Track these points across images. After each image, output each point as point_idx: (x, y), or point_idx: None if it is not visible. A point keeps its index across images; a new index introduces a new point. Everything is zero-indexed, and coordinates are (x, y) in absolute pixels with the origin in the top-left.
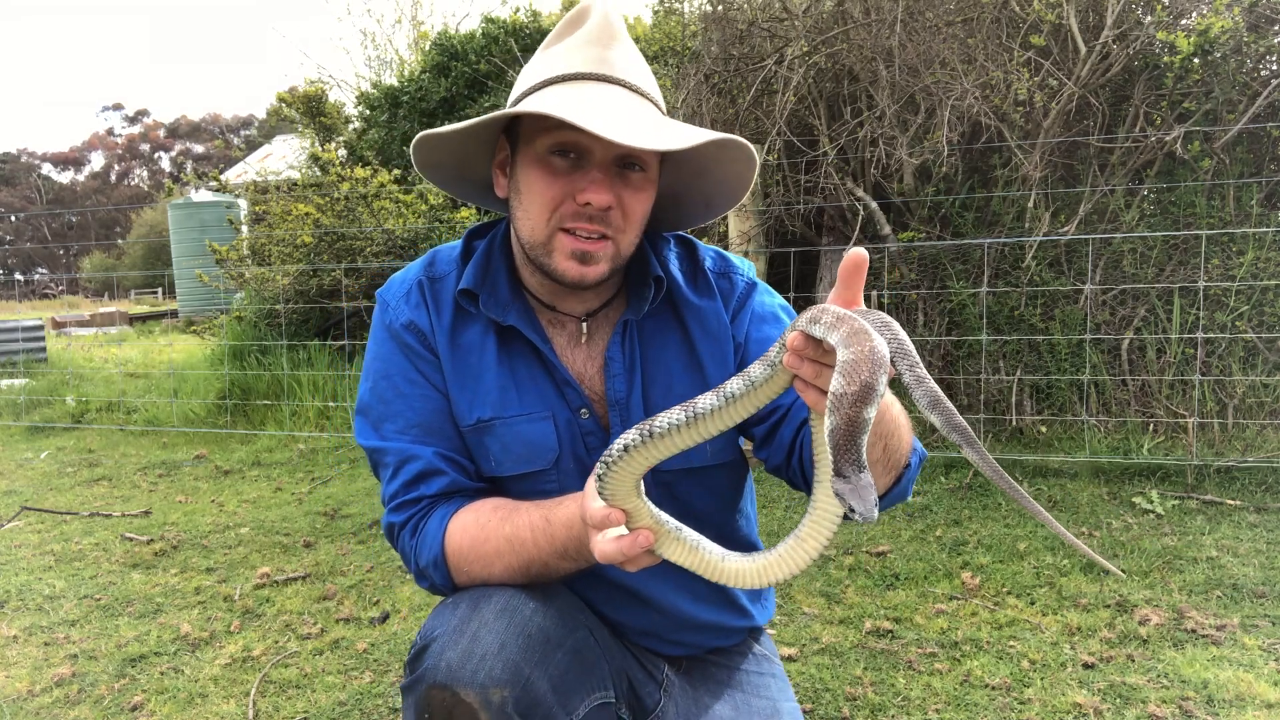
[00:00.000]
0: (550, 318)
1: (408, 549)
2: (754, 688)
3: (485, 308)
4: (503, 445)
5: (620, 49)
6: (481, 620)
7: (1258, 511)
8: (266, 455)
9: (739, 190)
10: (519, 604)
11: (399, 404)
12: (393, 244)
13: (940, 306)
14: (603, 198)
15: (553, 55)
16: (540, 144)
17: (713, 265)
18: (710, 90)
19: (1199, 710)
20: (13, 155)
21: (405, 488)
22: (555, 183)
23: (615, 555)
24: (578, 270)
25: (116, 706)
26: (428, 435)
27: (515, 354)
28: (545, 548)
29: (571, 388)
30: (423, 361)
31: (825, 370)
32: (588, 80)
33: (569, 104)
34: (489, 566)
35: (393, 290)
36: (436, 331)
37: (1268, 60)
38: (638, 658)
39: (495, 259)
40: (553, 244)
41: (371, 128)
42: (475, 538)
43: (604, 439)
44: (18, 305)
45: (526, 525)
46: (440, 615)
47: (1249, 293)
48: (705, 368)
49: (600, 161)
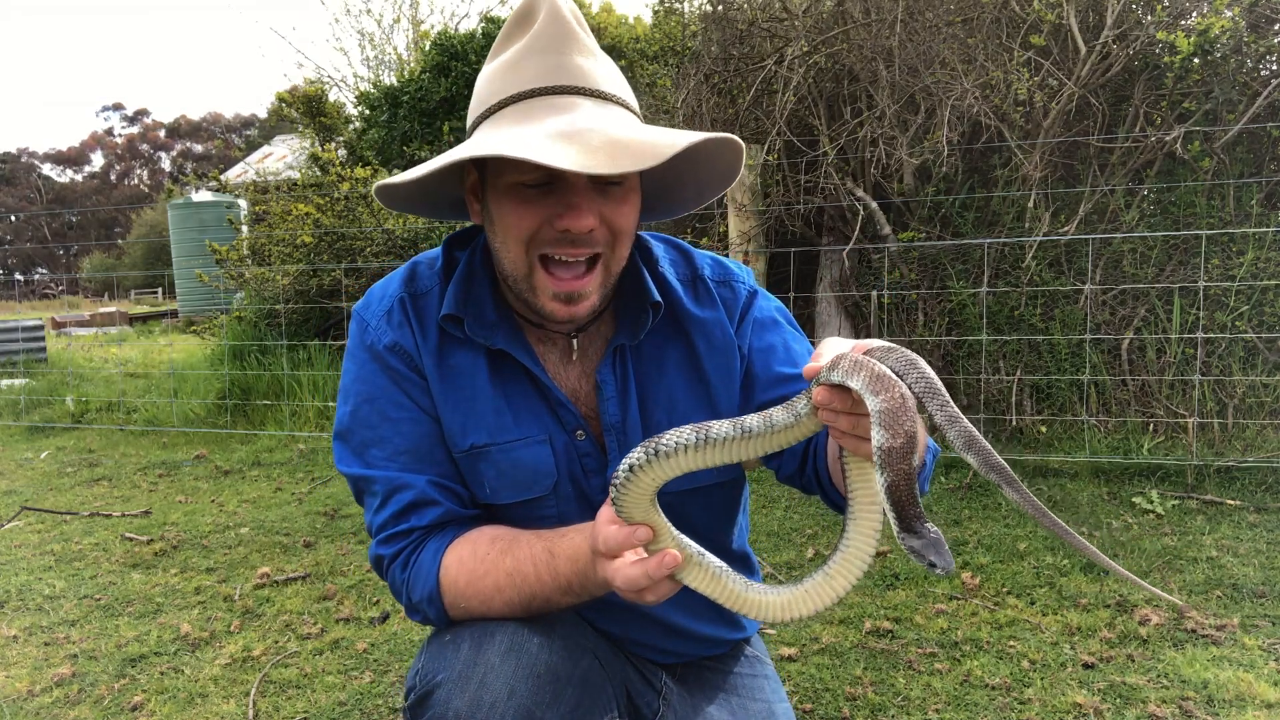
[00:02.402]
0: (539, 334)
1: (398, 583)
2: (749, 691)
3: (471, 332)
4: (498, 472)
5: (576, 50)
6: (488, 664)
7: (1258, 511)
8: (266, 455)
9: (729, 176)
10: (524, 641)
11: (385, 429)
12: (393, 244)
13: (940, 306)
14: (582, 223)
15: (504, 67)
16: (508, 176)
17: (712, 274)
18: (710, 90)
19: (1199, 710)
20: (13, 155)
21: (395, 519)
22: (530, 212)
23: (640, 579)
24: (566, 310)
25: (116, 706)
26: (418, 462)
27: (507, 375)
28: (548, 582)
29: (566, 409)
30: (409, 385)
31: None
32: (546, 95)
33: (531, 138)
34: (488, 602)
35: (372, 309)
36: (423, 353)
37: (1268, 60)
38: (636, 666)
39: (478, 278)
40: (534, 280)
41: (371, 128)
42: (473, 572)
43: (601, 461)
44: (18, 305)
45: (528, 558)
46: (441, 656)
47: (1249, 293)
48: (711, 382)
49: (575, 185)
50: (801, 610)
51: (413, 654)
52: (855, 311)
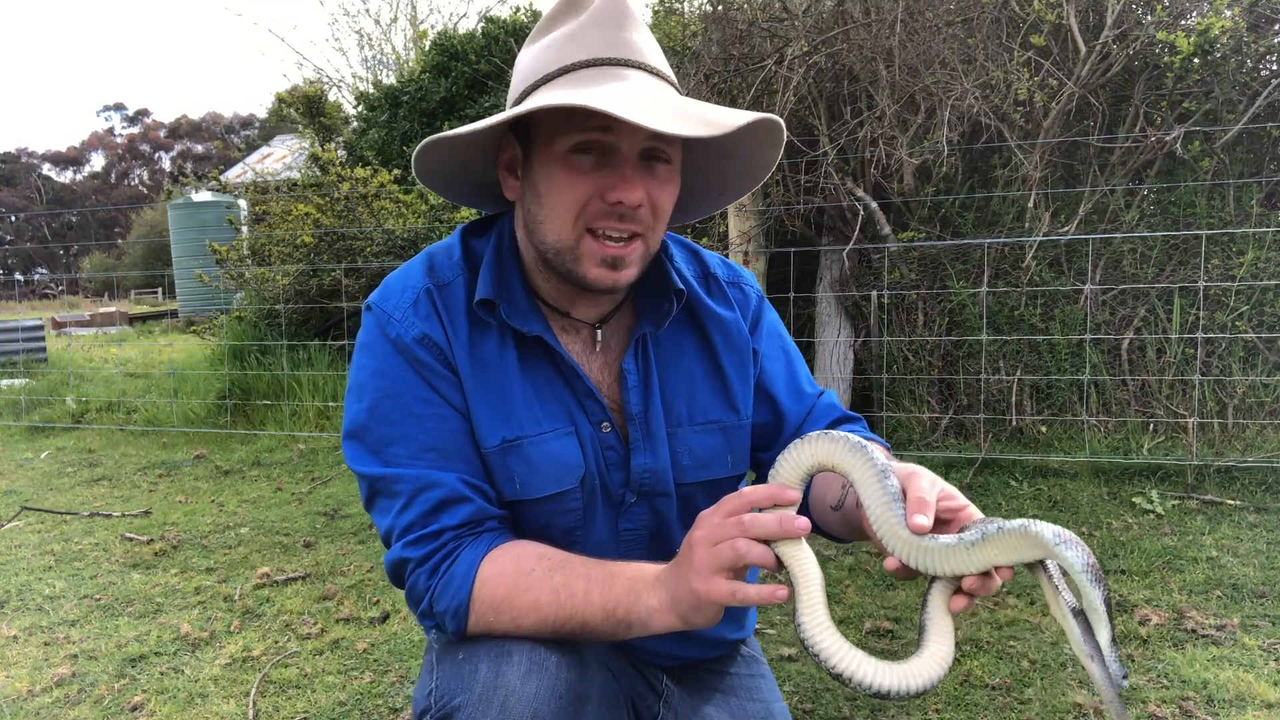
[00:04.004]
0: (563, 324)
1: (421, 589)
2: (747, 691)
3: (507, 316)
4: (529, 466)
5: (637, 30)
6: (509, 686)
7: (1258, 511)
8: (266, 455)
9: (758, 175)
10: (543, 660)
11: (409, 426)
12: (393, 244)
13: (940, 306)
14: (635, 195)
15: (557, 42)
16: (562, 143)
17: (723, 274)
18: (710, 90)
19: (1199, 710)
20: (13, 155)
21: (424, 519)
22: (581, 182)
23: (773, 527)
24: (610, 277)
25: (116, 706)
26: (446, 460)
27: (535, 365)
28: (595, 602)
29: (594, 400)
30: (439, 379)
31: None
32: (607, 66)
33: (598, 94)
34: (519, 619)
35: (393, 300)
36: (454, 345)
37: (1268, 60)
38: (639, 670)
39: (507, 263)
40: (580, 249)
41: (371, 128)
42: (514, 587)
43: (623, 454)
44: (18, 305)
45: (582, 576)
46: (458, 676)
47: (1249, 293)
48: (729, 378)
49: (628, 158)
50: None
51: (413, 654)
52: (855, 311)
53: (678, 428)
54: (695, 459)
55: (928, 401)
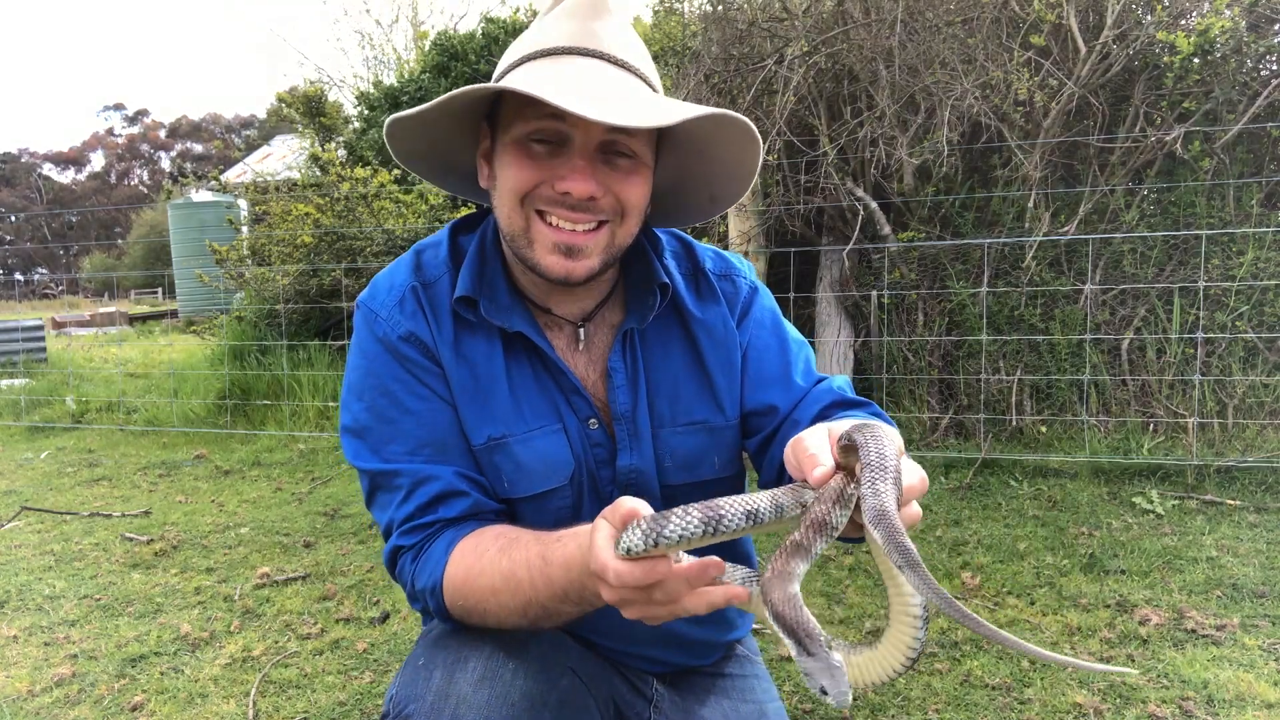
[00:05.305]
0: (546, 320)
1: (407, 573)
2: (740, 692)
3: (487, 314)
4: (516, 464)
5: (608, 21)
6: (459, 695)
7: (1258, 511)
8: (266, 455)
9: (744, 176)
10: (498, 667)
11: (406, 422)
12: (393, 244)
13: (940, 306)
14: (583, 187)
15: (530, 32)
16: (517, 129)
17: (714, 266)
18: (710, 90)
19: (1199, 710)
20: (13, 155)
21: (421, 510)
22: (528, 168)
23: (662, 614)
24: (562, 265)
25: (116, 706)
26: (442, 454)
27: (521, 362)
28: (542, 589)
29: (580, 396)
30: (427, 374)
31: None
32: (568, 55)
33: (541, 80)
34: (483, 604)
35: (380, 299)
36: (439, 343)
37: (1268, 60)
38: (625, 675)
39: (490, 259)
40: (531, 233)
41: (371, 128)
42: (470, 570)
43: (611, 450)
44: (18, 305)
45: (523, 562)
46: (413, 683)
47: (1249, 293)
48: (713, 376)
49: (581, 149)
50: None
51: None
52: (855, 311)
53: (660, 428)
54: (677, 461)
55: (928, 401)
